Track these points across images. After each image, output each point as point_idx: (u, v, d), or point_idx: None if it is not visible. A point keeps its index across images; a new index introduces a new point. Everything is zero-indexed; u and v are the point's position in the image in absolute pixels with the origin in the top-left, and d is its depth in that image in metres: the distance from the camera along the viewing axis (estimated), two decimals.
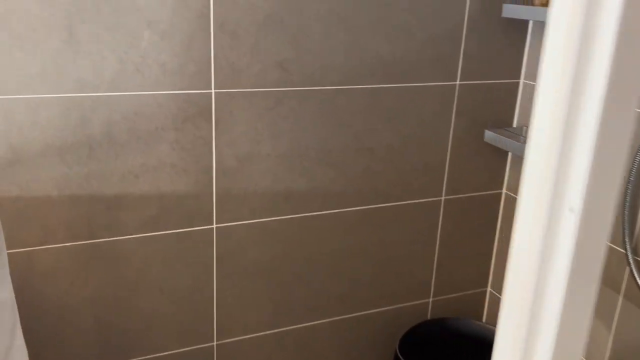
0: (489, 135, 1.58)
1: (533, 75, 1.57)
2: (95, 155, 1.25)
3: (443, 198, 1.64)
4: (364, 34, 1.40)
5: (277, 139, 1.40)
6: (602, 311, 1.45)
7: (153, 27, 1.22)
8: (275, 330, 1.56)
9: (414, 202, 1.61)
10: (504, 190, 1.71)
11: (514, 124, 1.65)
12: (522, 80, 1.61)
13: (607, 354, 1.45)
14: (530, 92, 1.59)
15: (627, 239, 1.29)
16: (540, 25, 1.52)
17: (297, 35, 1.34)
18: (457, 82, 1.54)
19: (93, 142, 1.24)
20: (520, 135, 1.60)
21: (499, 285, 1.77)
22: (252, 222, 1.44)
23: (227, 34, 1.28)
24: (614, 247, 1.37)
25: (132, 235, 1.34)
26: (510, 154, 1.67)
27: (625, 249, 1.30)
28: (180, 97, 1.29)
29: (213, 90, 1.31)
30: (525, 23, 1.56)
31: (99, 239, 1.31)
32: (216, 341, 1.50)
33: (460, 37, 1.50)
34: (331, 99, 1.43)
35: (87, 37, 1.17)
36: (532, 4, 1.44)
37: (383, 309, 1.67)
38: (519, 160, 1.63)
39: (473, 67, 1.54)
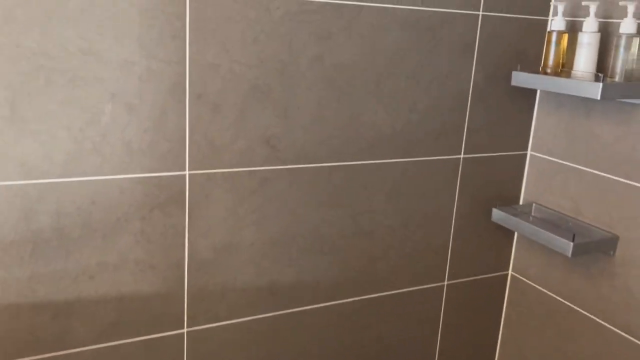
0: (497, 214, 1.41)
1: (541, 147, 1.43)
2: (41, 254, 1.02)
3: (446, 283, 1.46)
4: (361, 104, 1.23)
5: (262, 226, 1.20)
6: None
7: (117, 99, 1.01)
8: None
9: (415, 289, 1.42)
10: (510, 272, 1.54)
11: (521, 200, 1.50)
12: (529, 152, 1.47)
13: None
14: (539, 164, 1.44)
15: None
16: (549, 95, 1.39)
17: (287, 107, 1.16)
18: (462, 156, 1.38)
19: (39, 238, 1.01)
20: (529, 214, 1.44)
21: None
22: (231, 323, 1.22)
23: (206, 107, 1.08)
24: None
25: (86, 347, 1.09)
26: (516, 233, 1.51)
27: None
28: (149, 181, 1.07)
29: (188, 172, 1.10)
30: (533, 92, 1.42)
31: (46, 353, 1.06)
32: None
33: (465, 107, 1.35)
34: (325, 178, 1.24)
35: (35, 113, 0.96)
36: (543, 72, 1.31)
37: None
38: (526, 239, 1.47)
39: (478, 138, 1.39)
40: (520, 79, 1.31)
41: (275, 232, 1.22)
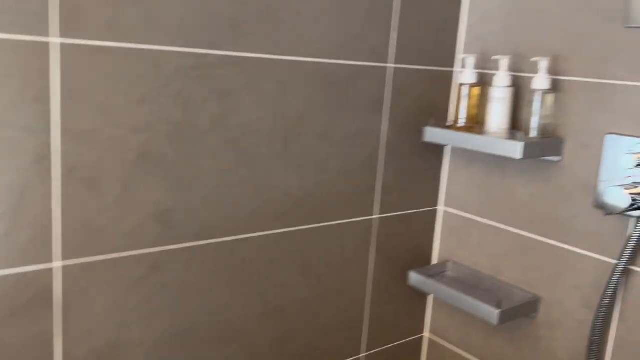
0: (415, 278, 1.32)
1: (454, 203, 1.37)
2: None
3: (364, 354, 1.33)
4: (269, 168, 1.07)
5: (154, 319, 0.99)
6: None
7: None
8: None
9: None
10: (428, 335, 1.45)
11: (437, 259, 1.42)
12: (443, 209, 1.40)
13: None
14: (453, 221, 1.38)
15: None
16: (458, 151, 1.33)
17: (183, 177, 0.97)
18: (375, 216, 1.27)
19: None
20: (447, 275, 1.36)
21: None
22: None
23: (80, 183, 0.87)
24: None
25: None
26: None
27: None
28: (5, 279, 0.83)
29: (56, 264, 0.87)
30: (442, 147, 1.36)
31: None
32: None
33: (377, 164, 1.24)
34: (229, 254, 1.06)
35: None
36: (455, 126, 1.24)
37: None
38: (442, 301, 1.40)
39: (392, 197, 1.29)
40: (434, 135, 1.24)
41: (171, 324, 1.01)
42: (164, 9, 0.89)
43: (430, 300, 1.44)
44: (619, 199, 1.00)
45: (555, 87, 1.15)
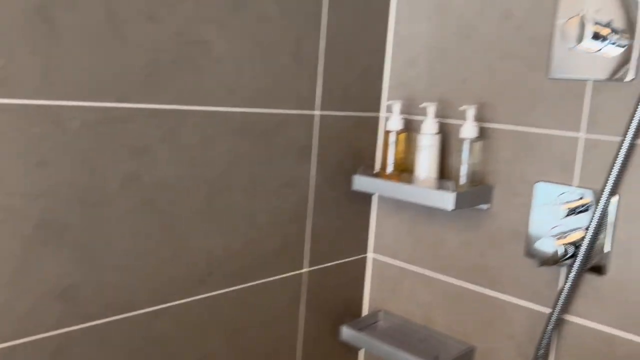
0: (347, 333, 1.25)
1: (384, 250, 1.32)
2: None
3: None
4: (190, 228, 0.98)
5: None
6: None
7: None
8: None
9: None
10: None
11: (368, 309, 1.36)
12: (372, 257, 1.35)
13: None
14: (383, 270, 1.33)
15: None
16: (387, 197, 1.29)
17: (91, 246, 0.85)
18: (305, 270, 1.20)
19: None
20: (378, 327, 1.31)
21: None
22: None
23: None
24: None
25: None
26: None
27: None
28: None
29: None
30: (371, 194, 1.32)
31: None
32: None
33: (306, 215, 1.18)
34: (146, 327, 0.94)
35: None
36: (384, 174, 1.21)
37: None
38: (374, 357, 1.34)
39: (321, 248, 1.22)
40: (363, 183, 1.19)
41: None
42: (66, 59, 0.78)
43: (361, 354, 1.38)
44: (551, 249, 0.99)
45: (483, 134, 1.15)
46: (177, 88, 0.91)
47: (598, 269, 1.01)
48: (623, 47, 0.96)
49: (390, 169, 1.22)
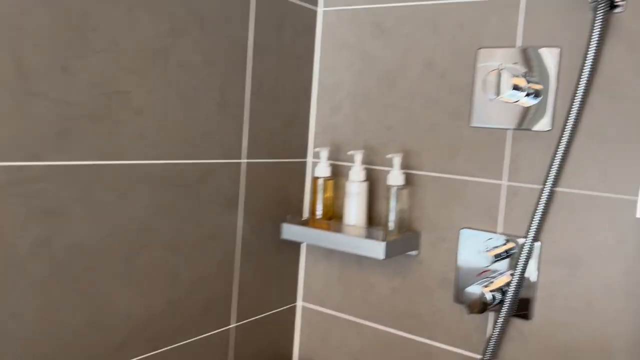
0: None
1: (312, 298, 1.29)
2: None
3: None
4: (107, 292, 0.90)
5: None
6: None
7: None
8: None
9: None
10: None
11: (296, 358, 1.32)
12: (300, 305, 1.31)
13: None
14: (312, 318, 1.30)
15: None
16: (314, 247, 1.27)
17: None
18: (232, 325, 1.14)
19: None
20: None
21: None
22: None
23: None
24: None
25: None
26: None
27: None
28: None
29: None
30: (299, 243, 1.29)
31: None
32: None
33: (233, 268, 1.13)
34: None
35: None
36: (313, 222, 1.19)
37: None
38: None
39: (249, 301, 1.17)
40: (292, 232, 1.16)
41: None
42: None
43: None
44: (479, 296, 1.00)
45: (410, 181, 1.16)
46: (92, 143, 0.85)
47: (524, 314, 1.03)
48: (539, 97, 1.01)
49: (318, 215, 1.20)
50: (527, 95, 0.99)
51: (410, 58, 1.15)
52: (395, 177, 1.11)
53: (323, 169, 1.19)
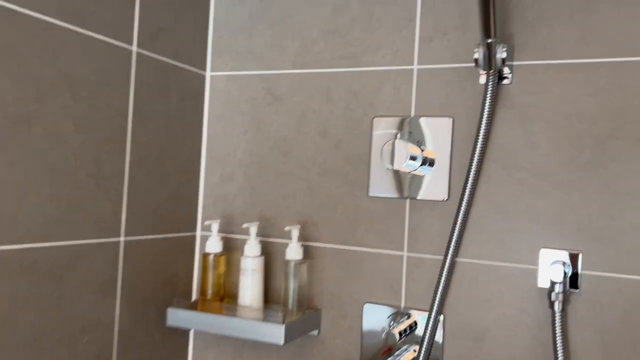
0: None
1: None
2: None
3: None
4: None
5: None
6: None
7: None
8: None
9: None
10: None
11: None
12: None
13: None
14: None
15: None
16: (204, 333, 1.15)
17: None
18: None
19: None
20: None
21: None
22: None
23: None
24: None
25: None
26: None
27: None
28: None
29: None
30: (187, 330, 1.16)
31: None
32: None
33: None
34: None
35: None
36: (203, 304, 1.07)
37: None
38: None
39: None
40: (178, 318, 1.03)
41: None
42: None
43: None
44: None
45: (309, 254, 1.09)
46: None
47: None
48: (434, 167, 0.99)
49: (210, 296, 1.09)
50: (423, 164, 0.98)
51: (305, 125, 1.10)
52: (293, 251, 1.04)
53: (214, 244, 1.09)
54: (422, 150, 0.98)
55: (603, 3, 0.90)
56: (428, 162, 0.98)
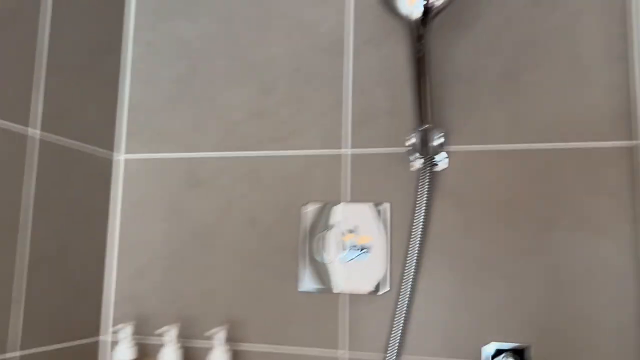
0: None
1: None
2: None
3: None
4: None
5: None
6: None
7: None
8: None
9: None
10: None
11: None
12: None
13: None
14: None
15: None
16: None
17: None
18: None
19: None
20: None
21: None
22: None
23: None
24: None
25: None
26: None
27: None
28: None
29: None
30: None
31: None
32: None
33: None
34: None
35: None
36: None
37: None
38: None
39: None
40: None
41: None
42: None
43: None
44: None
45: (236, 357, 0.97)
46: None
47: None
48: (370, 255, 0.93)
49: None
50: (358, 254, 0.91)
51: (229, 212, 1.01)
52: (218, 357, 0.92)
53: (124, 351, 0.95)
54: (357, 239, 0.92)
55: (531, 86, 0.91)
56: (364, 251, 0.92)
